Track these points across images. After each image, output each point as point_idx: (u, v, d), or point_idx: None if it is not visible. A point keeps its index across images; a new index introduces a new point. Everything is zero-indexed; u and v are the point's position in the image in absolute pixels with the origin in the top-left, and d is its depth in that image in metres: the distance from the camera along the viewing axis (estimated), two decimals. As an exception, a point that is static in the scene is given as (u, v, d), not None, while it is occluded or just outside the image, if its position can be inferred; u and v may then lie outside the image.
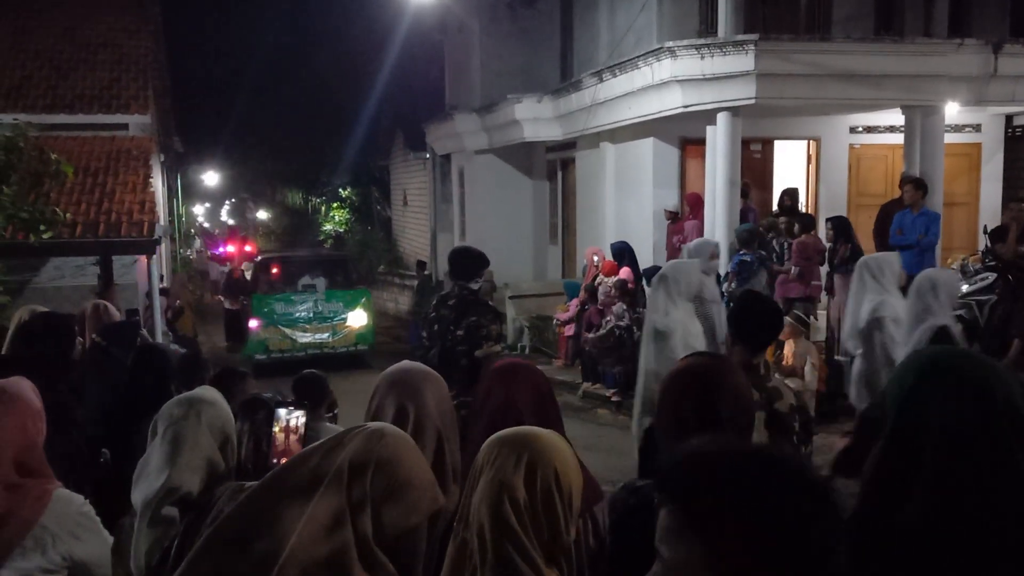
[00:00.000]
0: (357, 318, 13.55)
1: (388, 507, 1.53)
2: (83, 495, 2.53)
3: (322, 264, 15.00)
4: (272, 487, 1.56)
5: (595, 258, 11.50)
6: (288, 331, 13.17)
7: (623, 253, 10.87)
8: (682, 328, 4.55)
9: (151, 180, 13.00)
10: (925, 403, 1.57)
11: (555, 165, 16.36)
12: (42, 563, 2.35)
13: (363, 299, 13.80)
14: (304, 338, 13.19)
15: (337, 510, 1.50)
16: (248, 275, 17.39)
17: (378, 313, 15.69)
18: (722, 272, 9.55)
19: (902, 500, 1.54)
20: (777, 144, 12.49)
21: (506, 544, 1.61)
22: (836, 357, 8.41)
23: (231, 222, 46.18)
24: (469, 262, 5.60)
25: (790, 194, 10.47)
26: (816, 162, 12.56)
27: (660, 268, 10.08)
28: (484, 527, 1.63)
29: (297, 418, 2.57)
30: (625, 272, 10.59)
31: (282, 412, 2.76)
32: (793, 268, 9.13)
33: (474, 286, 5.51)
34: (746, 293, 3.67)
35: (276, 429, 2.92)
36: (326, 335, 13.35)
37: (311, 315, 13.36)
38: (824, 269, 9.44)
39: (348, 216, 30.29)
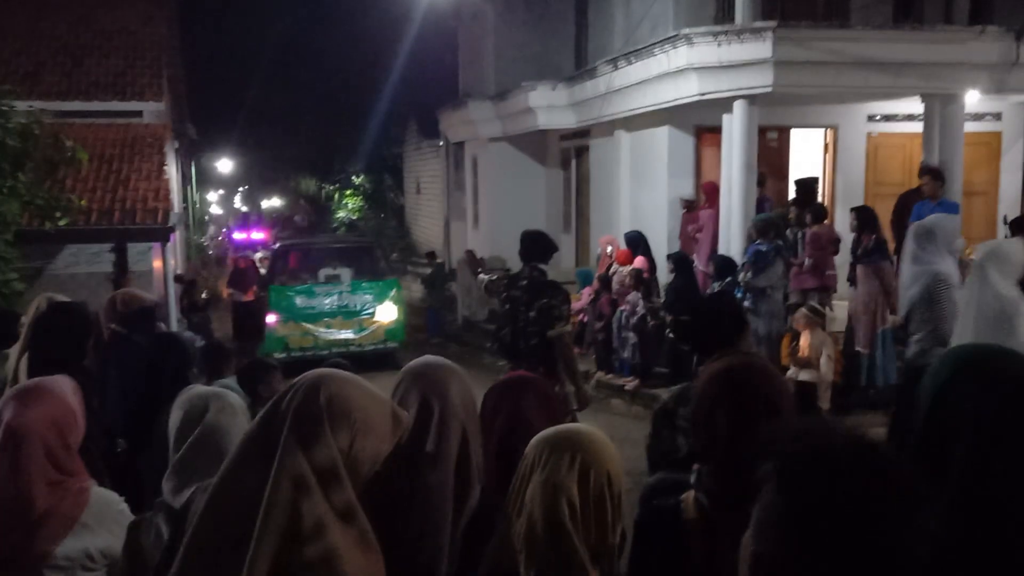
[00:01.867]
0: (386, 312, 12.59)
1: (356, 449, 1.56)
2: (101, 486, 2.52)
3: (346, 252, 14.07)
4: (229, 478, 1.57)
5: (609, 247, 11.46)
6: (310, 327, 12.23)
7: (637, 242, 10.83)
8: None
9: (165, 167, 13.03)
10: (959, 399, 1.51)
11: (569, 153, 16.31)
12: (83, 560, 2.35)
13: (393, 291, 12.79)
14: (328, 335, 12.26)
15: (297, 475, 1.52)
16: (261, 264, 17.33)
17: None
18: (739, 261, 9.52)
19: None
20: (794, 132, 12.39)
21: (559, 544, 1.64)
22: (857, 348, 8.35)
23: (244, 208, 46.29)
24: (542, 244, 5.78)
25: (806, 184, 10.38)
26: (833, 151, 12.47)
27: (682, 254, 10.16)
28: (536, 525, 1.66)
29: None
30: (640, 261, 10.55)
31: None
32: (806, 259, 9.06)
33: (543, 267, 5.67)
34: (702, 299, 3.59)
35: None
36: (352, 331, 12.41)
37: (335, 309, 12.40)
38: (840, 260, 9.36)
39: (361, 204, 30.31)
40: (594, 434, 1.77)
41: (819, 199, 11.06)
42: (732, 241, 10.24)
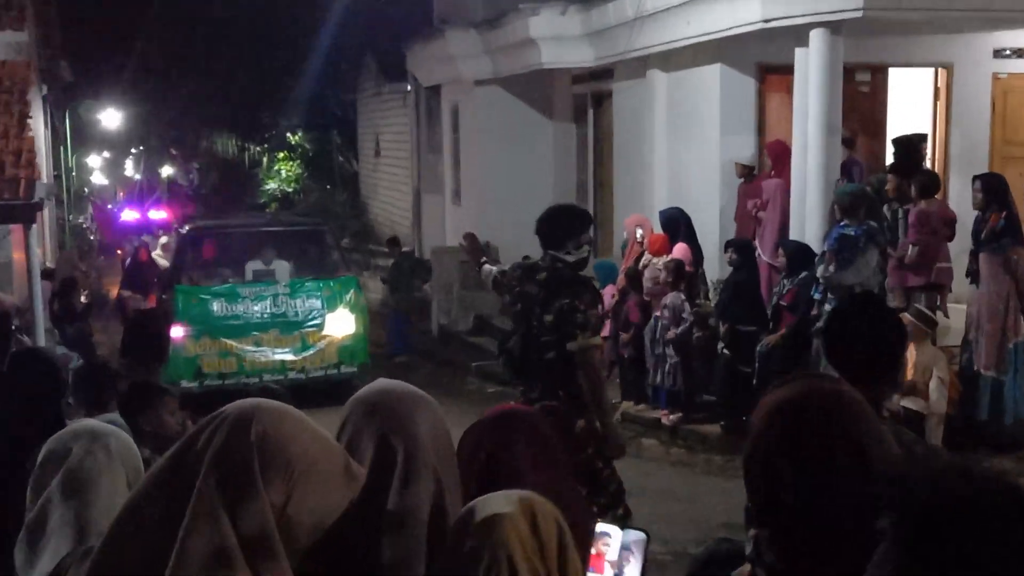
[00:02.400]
0: (340, 323, 12.43)
1: (294, 508, 1.59)
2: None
3: (284, 238, 13.89)
4: (114, 549, 1.58)
5: (639, 231, 11.45)
6: (233, 344, 12.04)
7: (677, 224, 10.83)
8: None
9: (29, 121, 12.99)
10: None
11: (584, 101, 16.29)
12: None
13: (350, 293, 12.66)
14: (258, 355, 12.08)
15: (216, 546, 1.53)
16: (162, 256, 17.28)
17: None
18: (817, 250, 9.52)
19: None
20: (893, 73, 12.39)
21: None
22: (979, 369, 8.36)
23: (137, 177, 46.32)
24: (563, 223, 5.76)
25: (910, 143, 10.40)
26: (947, 98, 12.47)
27: (746, 240, 10.16)
28: None
29: None
30: (680, 250, 10.55)
31: None
32: (911, 247, 9.07)
33: (569, 257, 5.62)
34: (849, 298, 3.62)
35: None
36: (292, 351, 12.22)
37: (268, 319, 12.23)
38: (957, 247, 9.37)
39: (300, 171, 30.32)
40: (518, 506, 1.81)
41: (927, 164, 11.07)
42: (808, 222, 10.24)
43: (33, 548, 2.28)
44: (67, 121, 27.65)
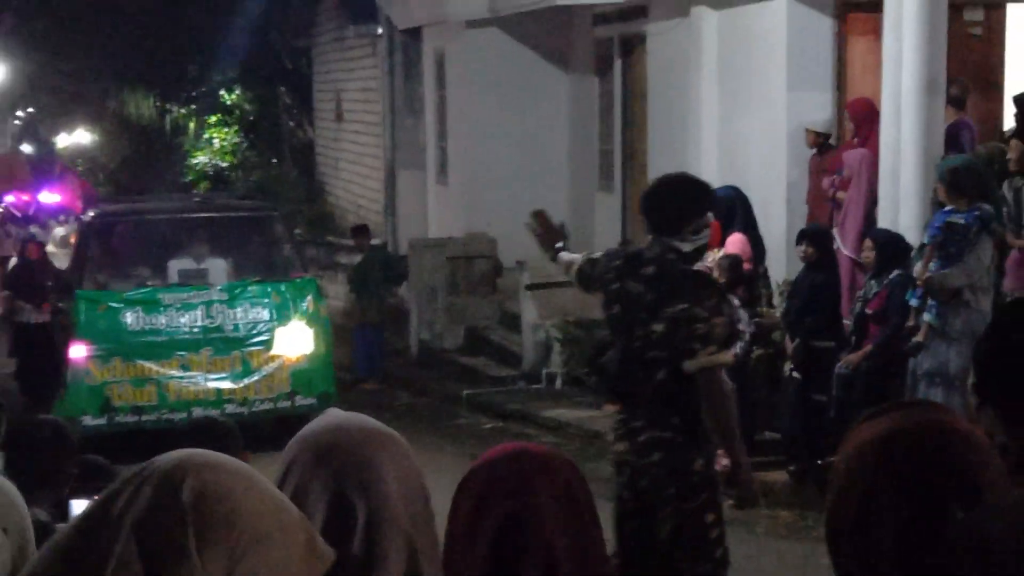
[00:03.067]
0: (296, 339, 12.46)
1: None
2: None
3: (219, 227, 13.98)
4: None
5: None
6: (153, 368, 12.02)
7: (733, 207, 10.85)
8: None
9: None
10: None
11: (610, 48, 16.37)
12: None
13: (307, 300, 12.73)
14: (186, 383, 12.07)
15: None
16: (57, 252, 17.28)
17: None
18: (914, 242, 9.52)
19: None
20: (1012, 11, 12.41)
21: None
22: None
23: (26, 148, 46.41)
24: (675, 199, 5.75)
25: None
26: (1083, 43, 12.50)
27: (823, 229, 10.16)
28: None
29: None
30: (737, 242, 10.58)
31: (77, 510, 2.73)
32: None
33: (686, 246, 5.60)
34: (1016, 309, 3.56)
35: None
36: (230, 377, 12.20)
37: (200, 334, 12.26)
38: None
39: (237, 139, 30.36)
40: None
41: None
42: (903, 204, 10.26)
43: None
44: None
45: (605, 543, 2.26)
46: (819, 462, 9.00)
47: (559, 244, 6.31)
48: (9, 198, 29.37)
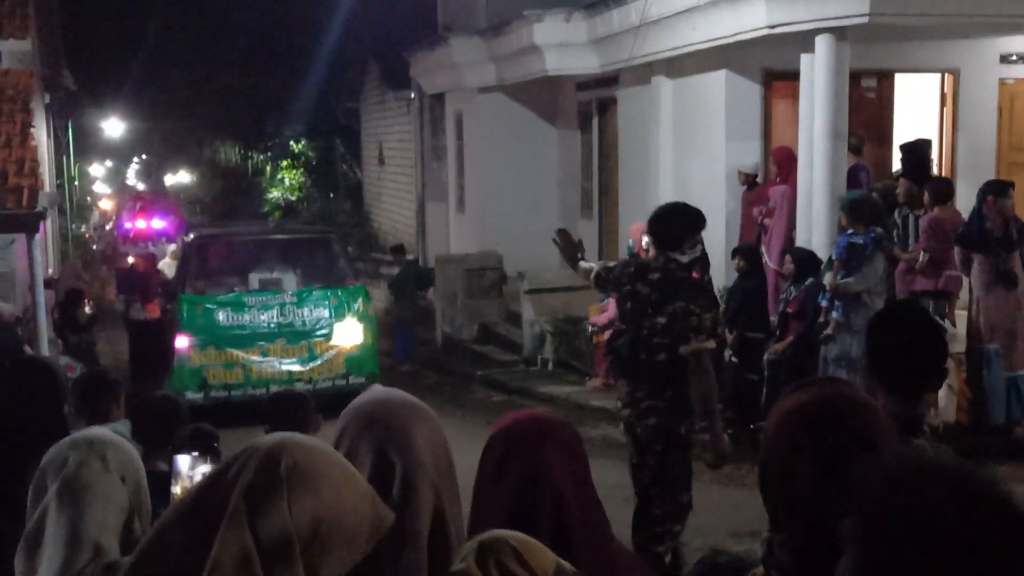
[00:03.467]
0: (349, 333, 12.35)
1: (317, 551, 1.63)
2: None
3: (291, 247, 13.80)
4: (139, 568, 1.64)
5: (645, 238, 11.46)
6: (239, 355, 12.01)
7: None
8: None
9: (32, 130, 13.01)
10: None
11: (589, 108, 16.32)
12: None
13: (358, 303, 12.60)
14: (265, 366, 12.05)
15: (239, 549, 1.58)
16: (163, 264, 17.27)
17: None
18: (823, 257, 9.51)
19: None
20: (899, 79, 12.39)
21: None
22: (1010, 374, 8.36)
23: (140, 187, 46.40)
24: (676, 222, 5.83)
25: (917, 149, 10.41)
26: (953, 104, 12.46)
27: (754, 247, 10.13)
28: None
29: (206, 471, 2.56)
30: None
31: (183, 463, 2.72)
32: (922, 253, 9.06)
33: (683, 258, 5.72)
34: (898, 309, 3.58)
35: (178, 489, 2.95)
36: (299, 361, 12.16)
37: (275, 329, 12.18)
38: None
39: (302, 179, 30.34)
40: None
41: (933, 170, 11.06)
42: (815, 228, 10.23)
43: (31, 557, 2.30)
44: (69, 130, 27.68)
45: (595, 488, 2.26)
46: (751, 426, 8.97)
47: (580, 255, 6.39)
48: (128, 224, 29.37)
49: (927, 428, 3.10)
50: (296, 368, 12.10)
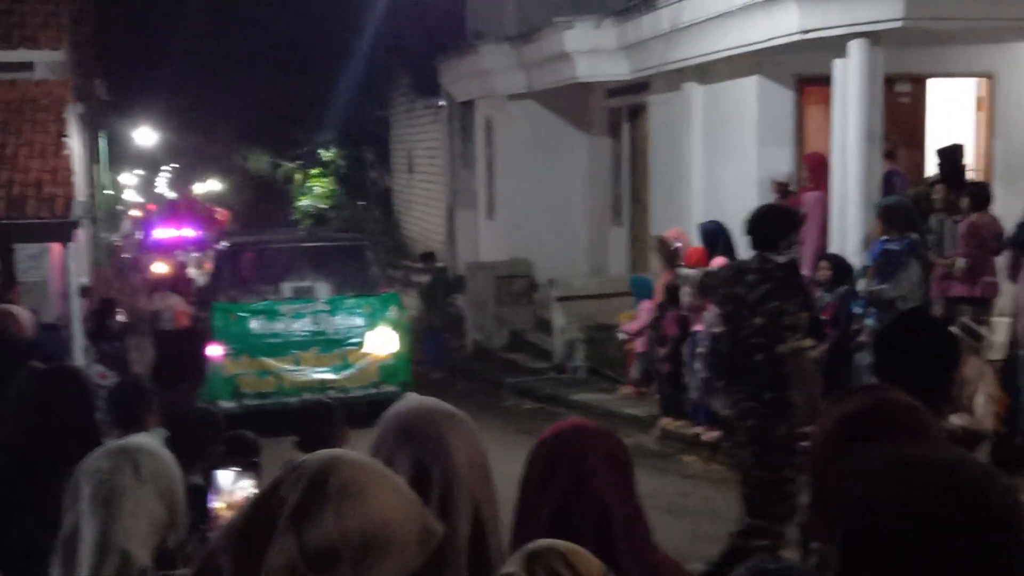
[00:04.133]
0: (382, 341, 12.24)
1: (368, 566, 1.64)
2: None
3: (324, 254, 13.67)
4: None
5: (676, 244, 11.42)
6: (272, 363, 11.98)
7: (717, 237, 10.77)
8: None
9: (66, 140, 13.13)
10: None
11: (619, 115, 16.29)
12: None
13: (390, 310, 12.50)
14: (297, 375, 11.97)
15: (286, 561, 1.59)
16: (194, 271, 17.36)
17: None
18: (857, 264, 9.44)
19: None
20: (932, 84, 12.30)
21: None
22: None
23: (172, 195, 46.73)
24: (772, 223, 5.94)
25: (952, 154, 10.32)
26: (989, 109, 12.37)
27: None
28: None
29: (248, 488, 2.56)
30: (719, 264, 10.47)
31: (224, 479, 2.72)
32: (960, 259, 8.97)
33: (780, 258, 5.77)
34: (903, 314, 3.58)
35: (219, 504, 2.94)
36: (332, 370, 12.06)
37: (308, 337, 12.11)
38: (1003, 260, 9.27)
39: (332, 187, 30.47)
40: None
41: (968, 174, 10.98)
42: (848, 235, 10.17)
43: (67, 562, 2.31)
44: (102, 139, 27.92)
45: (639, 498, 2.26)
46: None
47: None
48: (156, 232, 29.58)
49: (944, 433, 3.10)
50: (329, 376, 11.99)
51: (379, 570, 1.64)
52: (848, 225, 10.21)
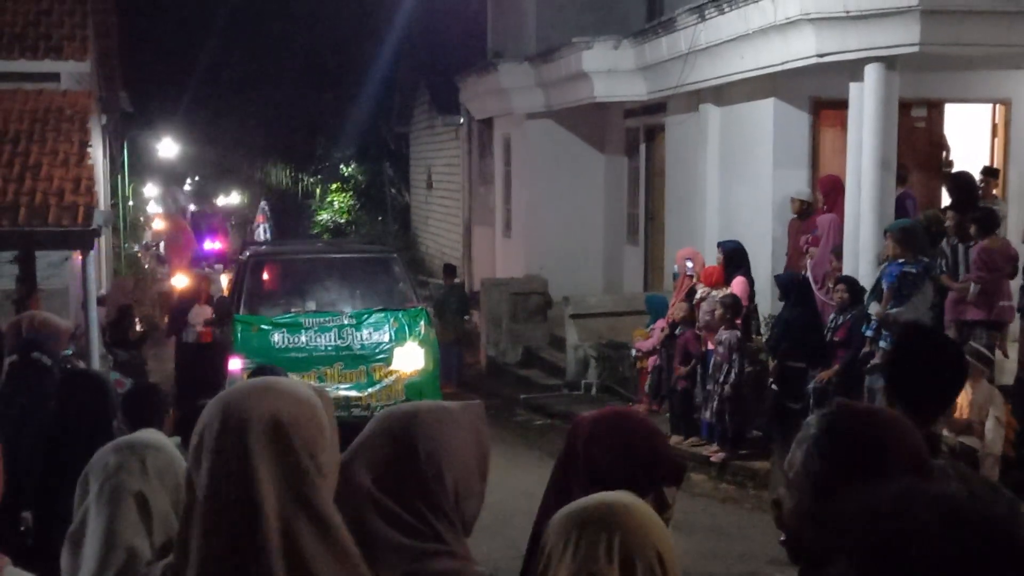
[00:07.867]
0: (409, 357, 11.79)
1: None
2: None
3: (349, 267, 13.13)
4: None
5: (690, 263, 11.42)
6: (296, 378, 11.77)
7: (737, 256, 10.80)
8: None
9: (89, 150, 13.20)
10: None
11: (636, 135, 16.33)
12: None
13: (419, 326, 12.00)
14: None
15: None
16: (212, 283, 17.38)
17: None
18: (867, 285, 9.42)
19: None
20: (949, 109, 12.29)
21: None
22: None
23: (192, 207, 46.90)
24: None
25: (964, 180, 10.30)
26: (1005, 134, 12.35)
27: (799, 276, 10.05)
28: None
29: None
30: (740, 283, 10.49)
31: None
32: (972, 284, 8.95)
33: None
34: (909, 329, 3.58)
35: None
36: (357, 386, 11.58)
37: (333, 352, 11.70)
38: (1017, 283, 9.24)
39: (352, 201, 30.55)
40: (634, 507, 1.80)
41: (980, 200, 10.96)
42: (861, 257, 10.15)
43: (75, 556, 2.33)
44: (124, 150, 28.09)
45: None
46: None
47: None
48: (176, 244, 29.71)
49: (945, 448, 3.10)
50: (353, 394, 11.46)
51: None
52: (861, 247, 10.19)
